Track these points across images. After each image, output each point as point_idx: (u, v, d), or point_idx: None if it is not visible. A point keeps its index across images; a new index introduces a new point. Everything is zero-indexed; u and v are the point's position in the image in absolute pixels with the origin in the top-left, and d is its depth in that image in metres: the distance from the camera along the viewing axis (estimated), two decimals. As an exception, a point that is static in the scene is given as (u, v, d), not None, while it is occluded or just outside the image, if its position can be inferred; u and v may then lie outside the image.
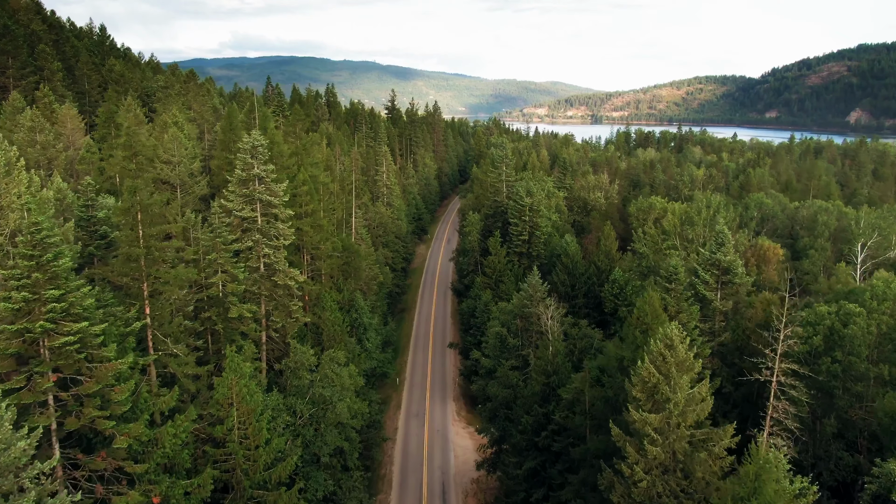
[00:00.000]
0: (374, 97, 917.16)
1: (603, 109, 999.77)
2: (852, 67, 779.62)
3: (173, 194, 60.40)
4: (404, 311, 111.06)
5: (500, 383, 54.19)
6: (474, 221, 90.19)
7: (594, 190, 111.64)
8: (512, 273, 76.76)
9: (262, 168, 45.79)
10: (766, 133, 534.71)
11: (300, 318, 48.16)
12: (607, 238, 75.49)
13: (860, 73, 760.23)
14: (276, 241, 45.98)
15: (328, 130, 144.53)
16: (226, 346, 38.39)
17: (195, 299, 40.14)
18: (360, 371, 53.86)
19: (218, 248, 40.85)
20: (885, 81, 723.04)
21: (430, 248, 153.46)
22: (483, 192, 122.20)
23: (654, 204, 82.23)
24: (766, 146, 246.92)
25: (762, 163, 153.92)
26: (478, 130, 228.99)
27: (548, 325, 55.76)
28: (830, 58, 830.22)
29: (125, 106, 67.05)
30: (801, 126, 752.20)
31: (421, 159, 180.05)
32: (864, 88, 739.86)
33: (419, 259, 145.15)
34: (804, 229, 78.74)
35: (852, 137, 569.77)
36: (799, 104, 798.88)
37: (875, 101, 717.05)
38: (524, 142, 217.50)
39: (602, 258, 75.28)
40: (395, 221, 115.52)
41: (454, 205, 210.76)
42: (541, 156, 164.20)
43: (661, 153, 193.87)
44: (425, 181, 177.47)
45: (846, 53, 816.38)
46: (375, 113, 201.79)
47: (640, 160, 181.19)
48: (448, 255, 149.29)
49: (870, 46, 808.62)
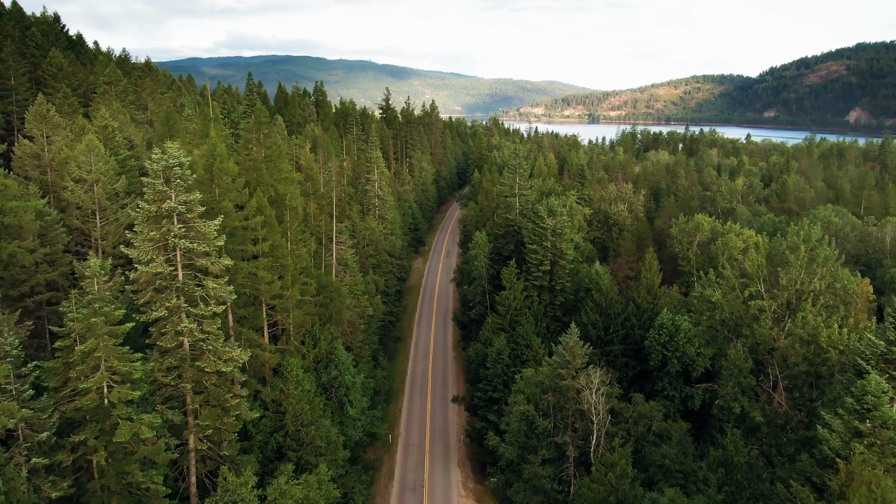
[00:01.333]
0: (369, 96, 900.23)
1: (600, 109, 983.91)
2: (851, 66, 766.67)
3: (88, 222, 44.81)
4: (399, 342, 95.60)
5: (528, 487, 38.87)
6: (481, 243, 74.63)
7: (616, 202, 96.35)
8: (531, 312, 61.39)
9: (184, 199, 30.31)
10: (766, 133, 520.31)
11: (243, 416, 32.68)
12: (649, 269, 60.14)
13: (859, 73, 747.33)
14: (205, 308, 30.50)
15: (315, 133, 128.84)
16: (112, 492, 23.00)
17: (56, 415, 24.70)
18: (336, 475, 38.42)
19: (98, 332, 25.40)
20: (884, 80, 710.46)
21: (428, 263, 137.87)
22: (488, 203, 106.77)
23: (701, 224, 66.92)
24: (780, 147, 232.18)
25: (789, 167, 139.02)
26: (478, 132, 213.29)
27: (591, 401, 40.50)
28: (829, 57, 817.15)
29: (35, 107, 51.32)
30: (800, 125, 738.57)
31: (417, 163, 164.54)
32: (864, 87, 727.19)
33: (416, 275, 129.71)
34: (889, 255, 63.56)
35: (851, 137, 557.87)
36: (797, 103, 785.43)
37: (874, 101, 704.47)
38: (527, 144, 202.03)
39: (643, 295, 59.97)
40: (389, 237, 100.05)
41: (453, 211, 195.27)
42: (548, 160, 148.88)
43: (675, 156, 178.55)
44: (422, 187, 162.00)
45: (845, 52, 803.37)
46: (368, 113, 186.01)
47: (654, 164, 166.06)
48: (448, 270, 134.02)
49: (868, 45, 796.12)
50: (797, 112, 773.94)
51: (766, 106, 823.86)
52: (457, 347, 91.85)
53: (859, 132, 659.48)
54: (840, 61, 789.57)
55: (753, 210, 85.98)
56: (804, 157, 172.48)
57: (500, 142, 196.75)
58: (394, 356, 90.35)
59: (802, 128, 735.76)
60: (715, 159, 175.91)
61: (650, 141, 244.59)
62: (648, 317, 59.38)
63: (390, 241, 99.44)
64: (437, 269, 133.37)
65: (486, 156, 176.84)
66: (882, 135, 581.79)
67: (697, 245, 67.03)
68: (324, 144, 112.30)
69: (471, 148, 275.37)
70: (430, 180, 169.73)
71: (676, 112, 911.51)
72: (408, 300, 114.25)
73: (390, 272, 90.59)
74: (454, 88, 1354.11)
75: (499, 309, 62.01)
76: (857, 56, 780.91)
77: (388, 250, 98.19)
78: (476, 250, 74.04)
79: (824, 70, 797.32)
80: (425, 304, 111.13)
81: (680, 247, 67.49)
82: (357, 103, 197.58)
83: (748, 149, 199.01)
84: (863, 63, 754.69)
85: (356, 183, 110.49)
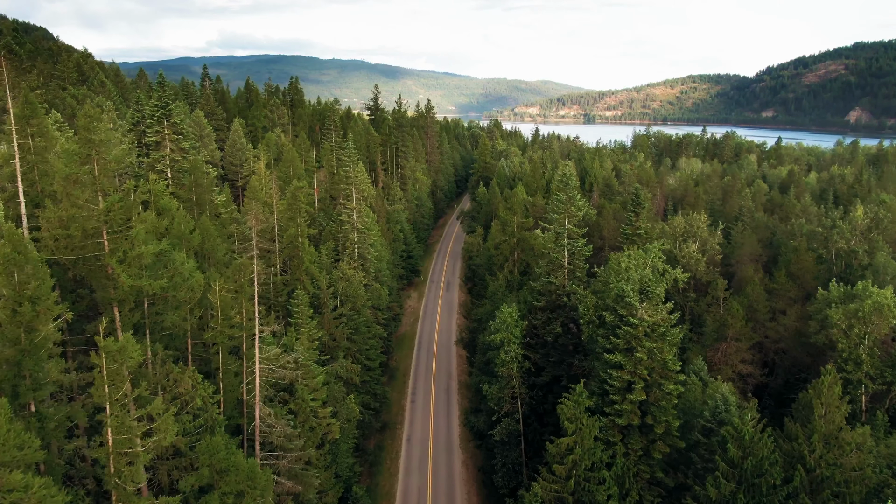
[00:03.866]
0: (362, 96, 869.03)
1: (596, 108, 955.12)
2: (850, 66, 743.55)
3: None
4: (384, 431, 67.84)
5: None
6: (508, 321, 46.34)
7: (684, 240, 68.75)
8: (612, 475, 33.77)
9: None
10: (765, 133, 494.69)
11: None
12: (826, 398, 32.55)
13: (858, 72, 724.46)
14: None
15: (281, 140, 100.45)
16: None
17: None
18: None
19: None
20: (884, 80, 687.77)
21: (425, 300, 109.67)
22: (505, 239, 79.00)
23: (882, 304, 39.27)
24: (816, 152, 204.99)
25: (864, 181, 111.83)
26: (481, 137, 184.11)
27: None
28: (826, 56, 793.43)
29: None
30: (799, 126, 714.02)
31: (411, 173, 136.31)
32: (863, 87, 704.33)
33: (409, 317, 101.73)
34: None
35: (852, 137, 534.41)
36: (796, 103, 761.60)
37: (875, 100, 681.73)
38: (537, 152, 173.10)
39: (818, 450, 32.49)
40: (372, 286, 72.11)
41: (452, 226, 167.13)
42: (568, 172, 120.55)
43: (711, 165, 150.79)
44: (417, 202, 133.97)
45: (843, 52, 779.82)
46: (354, 115, 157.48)
47: (688, 175, 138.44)
48: (450, 310, 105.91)
49: (866, 45, 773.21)
50: (796, 112, 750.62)
51: (764, 106, 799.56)
52: (467, 449, 63.97)
53: (860, 132, 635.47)
54: (838, 61, 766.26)
55: (894, 256, 58.69)
56: (885, 165, 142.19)
57: (508, 148, 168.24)
58: (377, 464, 62.43)
59: (802, 128, 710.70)
60: (755, 167, 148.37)
61: (668, 144, 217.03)
62: (833, 493, 31.98)
63: (374, 292, 71.43)
64: (435, 309, 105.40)
65: (491, 165, 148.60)
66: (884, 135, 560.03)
67: (873, 340, 39.50)
68: (290, 158, 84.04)
69: (469, 152, 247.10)
70: (425, 194, 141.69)
71: (673, 112, 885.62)
72: (398, 358, 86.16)
73: (371, 346, 62.54)
74: (448, 88, 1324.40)
75: (555, 469, 34.17)
76: (855, 55, 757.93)
77: (373, 301, 70.29)
78: (503, 333, 45.92)
79: (822, 69, 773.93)
80: (420, 369, 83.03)
81: (844, 341, 39.85)
82: (351, 104, 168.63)
83: (791, 155, 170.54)
84: (861, 62, 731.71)
85: (332, 207, 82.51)
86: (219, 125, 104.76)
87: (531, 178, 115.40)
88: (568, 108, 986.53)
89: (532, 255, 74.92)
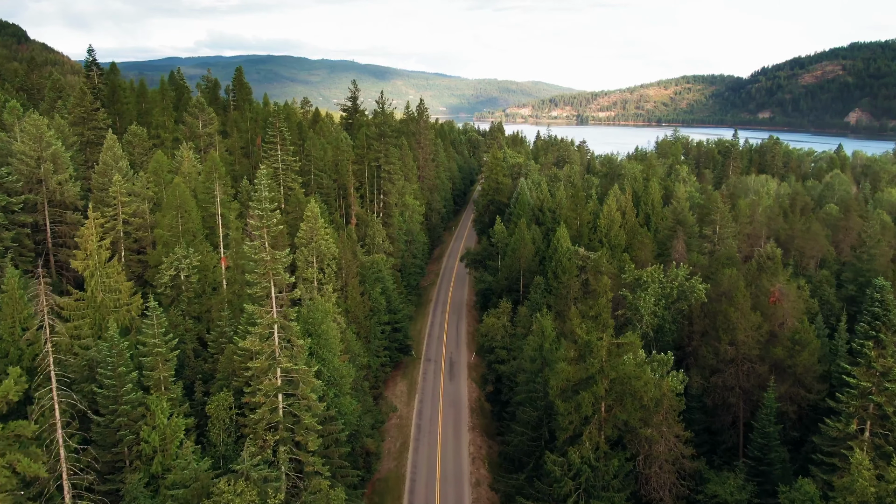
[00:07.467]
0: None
1: (588, 109, 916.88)
2: (847, 66, 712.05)
3: None
4: None
5: None
6: None
7: None
8: None
9: None
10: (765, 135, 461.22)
11: None
12: None
13: (856, 73, 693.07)
14: None
15: (183, 164, 61.13)
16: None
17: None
18: None
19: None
20: (883, 81, 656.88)
21: (418, 399, 70.28)
22: (583, 376, 40.64)
23: None
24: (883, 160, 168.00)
25: None
26: (493, 148, 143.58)
27: None
28: (823, 57, 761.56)
29: None
30: (797, 127, 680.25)
31: (398, 198, 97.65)
32: (862, 88, 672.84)
33: (393, 440, 63.11)
34: None
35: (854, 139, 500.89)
36: (793, 104, 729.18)
37: (875, 101, 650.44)
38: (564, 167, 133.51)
39: None
40: (331, 425, 33.99)
41: (451, 258, 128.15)
42: (620, 202, 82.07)
43: (789, 184, 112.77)
44: (406, 237, 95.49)
45: (839, 52, 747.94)
46: (323, 117, 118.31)
47: (773, 201, 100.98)
48: (457, 419, 67.09)
49: (863, 45, 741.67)
50: (793, 113, 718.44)
51: (761, 107, 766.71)
52: None
53: (861, 134, 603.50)
54: (835, 61, 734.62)
55: None
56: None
57: (527, 162, 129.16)
58: None
59: (800, 129, 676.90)
60: (850, 186, 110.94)
61: (704, 153, 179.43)
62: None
63: (334, 433, 33.19)
64: (434, 415, 66.29)
65: (504, 186, 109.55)
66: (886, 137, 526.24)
67: None
68: (178, 200, 45.16)
69: (468, 160, 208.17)
70: (418, 223, 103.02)
71: (667, 113, 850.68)
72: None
73: None
74: (438, 89, 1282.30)
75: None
76: (852, 56, 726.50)
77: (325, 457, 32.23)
78: None
79: (819, 70, 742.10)
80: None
81: None
82: (342, 104, 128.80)
83: (888, 170, 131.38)
84: (859, 63, 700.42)
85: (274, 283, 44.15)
86: (99, 138, 65.79)
87: (571, 212, 77.17)
88: (560, 108, 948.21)
89: (634, 404, 36.73)
